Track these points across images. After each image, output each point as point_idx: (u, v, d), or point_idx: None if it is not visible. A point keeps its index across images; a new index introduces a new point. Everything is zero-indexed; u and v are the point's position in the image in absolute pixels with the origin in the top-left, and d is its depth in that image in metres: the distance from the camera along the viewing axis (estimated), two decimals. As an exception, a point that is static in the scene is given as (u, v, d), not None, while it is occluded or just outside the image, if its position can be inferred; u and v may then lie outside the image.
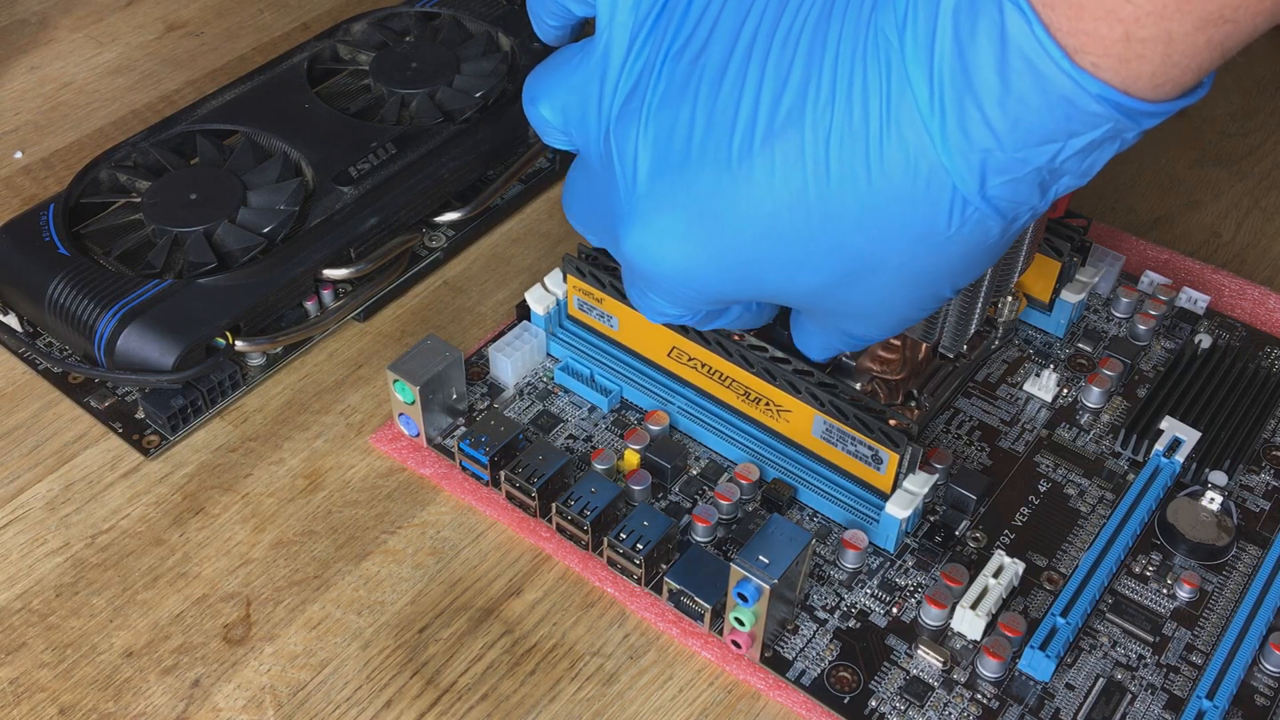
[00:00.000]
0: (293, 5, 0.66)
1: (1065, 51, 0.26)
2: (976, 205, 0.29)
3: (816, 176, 0.29)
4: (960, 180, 0.28)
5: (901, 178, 0.28)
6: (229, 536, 0.41)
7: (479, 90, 0.53)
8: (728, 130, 0.30)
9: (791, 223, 0.30)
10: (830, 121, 0.29)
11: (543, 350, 0.47)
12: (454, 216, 0.51)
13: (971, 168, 0.28)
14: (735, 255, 0.32)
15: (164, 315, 0.44)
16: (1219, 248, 0.54)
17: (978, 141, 0.27)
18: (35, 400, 0.46)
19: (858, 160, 0.29)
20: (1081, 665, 0.38)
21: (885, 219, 0.29)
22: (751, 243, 0.31)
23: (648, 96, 0.32)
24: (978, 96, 0.27)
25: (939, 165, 0.28)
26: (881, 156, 0.28)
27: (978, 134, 0.27)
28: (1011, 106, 0.27)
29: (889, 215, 0.29)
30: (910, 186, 0.28)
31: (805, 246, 0.31)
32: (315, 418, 0.45)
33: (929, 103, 0.27)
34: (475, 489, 0.42)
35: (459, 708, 0.37)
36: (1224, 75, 0.63)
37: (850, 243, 0.30)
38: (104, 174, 0.49)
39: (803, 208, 0.30)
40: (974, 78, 0.27)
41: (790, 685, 0.37)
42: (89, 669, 0.38)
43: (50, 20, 0.64)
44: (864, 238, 0.30)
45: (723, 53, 0.30)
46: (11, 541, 0.41)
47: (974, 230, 0.29)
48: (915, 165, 0.28)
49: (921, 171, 0.28)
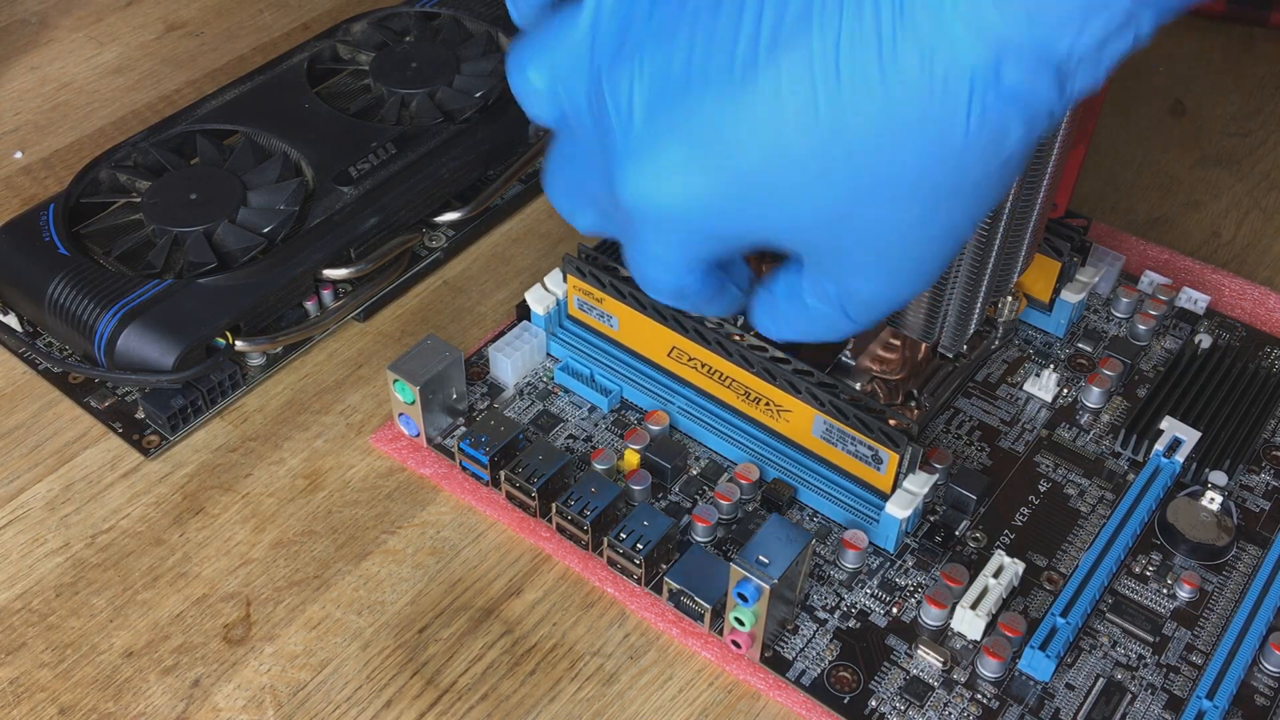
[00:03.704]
0: (293, 5, 0.66)
1: None
2: (994, 100, 0.28)
3: (826, 85, 0.28)
4: (977, 69, 0.27)
5: (916, 75, 0.27)
6: (229, 536, 0.41)
7: (479, 90, 0.53)
8: (728, 49, 0.29)
9: (801, 138, 0.29)
10: (840, 24, 0.27)
11: (543, 350, 0.47)
12: (454, 216, 0.51)
13: (988, 52, 0.27)
14: (742, 183, 0.30)
15: (164, 315, 0.44)
16: (1219, 248, 0.54)
17: (993, 22, 0.26)
18: (35, 400, 0.46)
19: (870, 62, 0.27)
20: (1081, 665, 0.38)
21: (900, 122, 0.28)
22: (759, 166, 0.30)
23: (642, 32, 0.31)
24: None
25: (954, 57, 0.27)
26: (895, 54, 0.27)
27: (993, 14, 0.26)
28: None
29: (903, 118, 0.28)
30: (926, 83, 0.27)
31: (816, 163, 0.29)
32: (315, 418, 0.45)
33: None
34: (475, 489, 0.42)
35: (459, 708, 0.37)
36: (1224, 75, 0.63)
37: (862, 153, 0.29)
38: (104, 174, 0.49)
39: (812, 119, 0.28)
40: None
41: (790, 685, 0.37)
42: (89, 669, 0.38)
43: (50, 20, 0.64)
44: (877, 145, 0.29)
45: None
46: (11, 541, 0.41)
47: (993, 134, 0.28)
48: (930, 59, 0.27)
49: (938, 66, 0.27)
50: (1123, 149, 0.58)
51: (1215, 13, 0.65)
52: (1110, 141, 0.59)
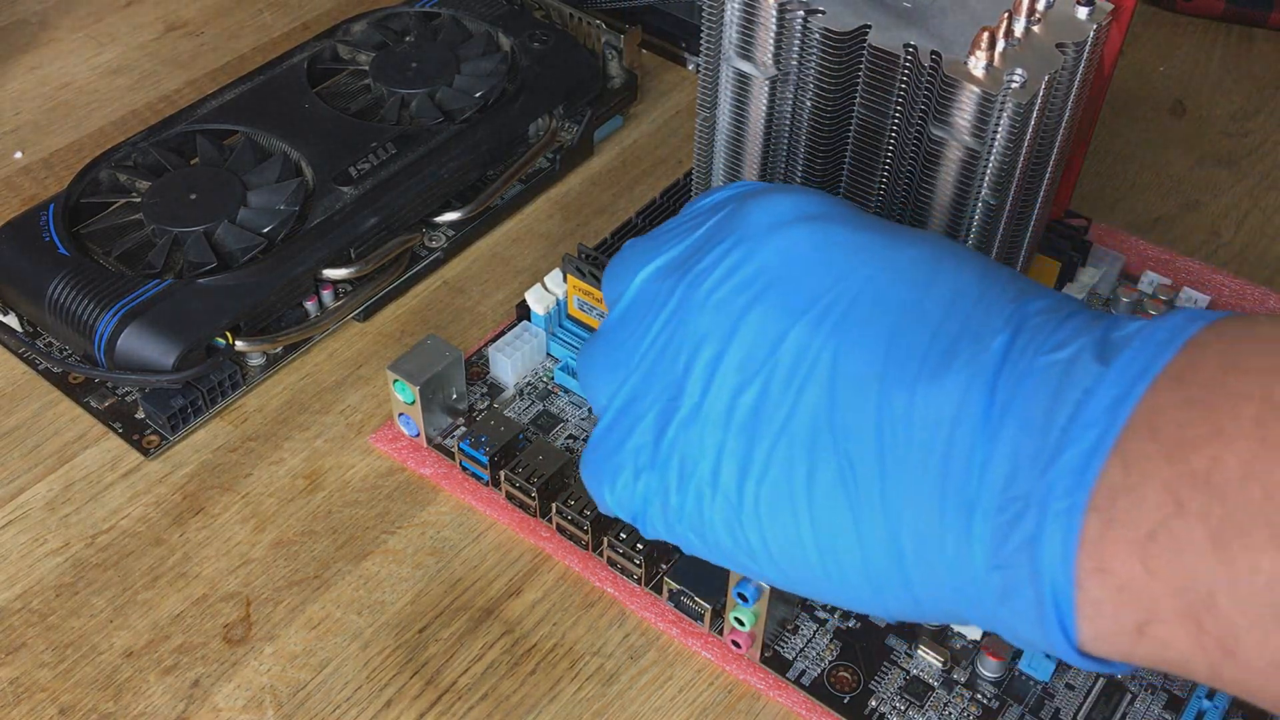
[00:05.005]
0: (293, 5, 0.66)
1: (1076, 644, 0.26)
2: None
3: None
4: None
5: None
6: (229, 536, 0.41)
7: (479, 90, 0.53)
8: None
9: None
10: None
11: (543, 350, 0.47)
12: (454, 216, 0.51)
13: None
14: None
15: (164, 315, 0.44)
16: (1219, 248, 0.54)
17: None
18: (35, 400, 0.46)
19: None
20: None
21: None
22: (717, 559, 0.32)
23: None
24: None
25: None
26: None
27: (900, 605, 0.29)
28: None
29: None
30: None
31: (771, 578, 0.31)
32: (315, 418, 0.45)
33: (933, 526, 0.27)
34: (475, 489, 0.42)
35: (459, 708, 0.37)
36: (1224, 75, 0.63)
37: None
38: (104, 174, 0.49)
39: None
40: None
41: (790, 685, 0.37)
42: (89, 669, 0.38)
43: (50, 20, 0.64)
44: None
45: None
46: (11, 541, 0.41)
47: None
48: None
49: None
50: (1123, 149, 0.58)
51: (1215, 13, 0.65)
52: (1110, 141, 0.59)
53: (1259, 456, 0.23)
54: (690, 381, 0.30)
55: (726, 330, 0.30)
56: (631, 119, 0.59)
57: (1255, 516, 0.23)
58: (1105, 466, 0.24)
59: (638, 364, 0.32)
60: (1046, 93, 0.36)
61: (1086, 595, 0.25)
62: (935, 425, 0.27)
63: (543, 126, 0.54)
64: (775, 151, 0.41)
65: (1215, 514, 0.23)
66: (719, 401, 0.30)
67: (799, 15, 0.37)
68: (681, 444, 0.30)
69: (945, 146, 0.37)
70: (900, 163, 0.38)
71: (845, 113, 0.38)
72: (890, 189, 0.39)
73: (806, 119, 0.39)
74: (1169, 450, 0.24)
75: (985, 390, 0.27)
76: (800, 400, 0.28)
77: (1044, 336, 0.27)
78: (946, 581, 0.27)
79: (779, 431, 0.29)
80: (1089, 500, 0.24)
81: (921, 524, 0.27)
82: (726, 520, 0.30)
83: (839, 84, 0.37)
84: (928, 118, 0.36)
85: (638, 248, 0.34)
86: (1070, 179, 0.46)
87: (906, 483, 0.27)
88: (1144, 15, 0.66)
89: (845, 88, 0.38)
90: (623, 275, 0.34)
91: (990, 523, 0.26)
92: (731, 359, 0.30)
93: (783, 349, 0.29)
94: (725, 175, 0.42)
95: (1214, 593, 0.23)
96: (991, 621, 0.27)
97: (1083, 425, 0.25)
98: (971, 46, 0.35)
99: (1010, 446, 0.26)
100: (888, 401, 0.27)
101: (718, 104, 0.41)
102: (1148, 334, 0.26)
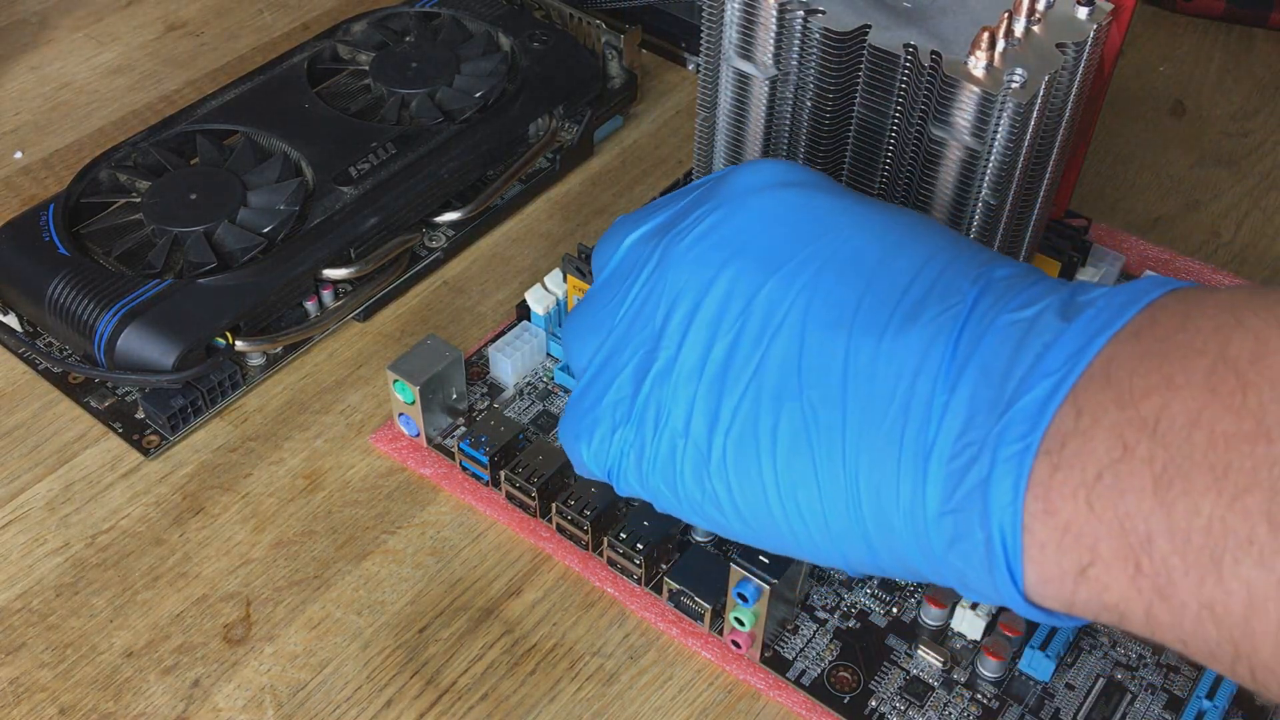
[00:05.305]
0: (293, 5, 0.66)
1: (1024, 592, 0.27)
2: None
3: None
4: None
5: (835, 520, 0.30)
6: (229, 536, 0.41)
7: (479, 90, 0.53)
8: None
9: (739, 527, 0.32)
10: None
11: (543, 350, 0.47)
12: (454, 216, 0.51)
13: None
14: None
15: (164, 315, 0.44)
16: (1219, 248, 0.54)
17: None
18: (35, 400, 0.46)
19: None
20: (1081, 665, 0.38)
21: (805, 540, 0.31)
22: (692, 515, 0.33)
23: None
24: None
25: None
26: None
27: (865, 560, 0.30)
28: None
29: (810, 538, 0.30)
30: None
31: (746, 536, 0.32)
32: (315, 418, 0.45)
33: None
34: (475, 489, 0.42)
35: (459, 708, 0.37)
36: (1224, 75, 0.63)
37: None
38: (104, 174, 0.49)
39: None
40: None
41: (790, 685, 0.37)
42: (89, 669, 0.38)
43: (50, 20, 0.64)
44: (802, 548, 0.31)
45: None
46: (11, 541, 0.41)
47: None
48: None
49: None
50: (1123, 149, 0.58)
51: (1215, 13, 0.65)
52: (1110, 141, 0.59)
53: (1207, 406, 0.23)
54: (666, 335, 0.31)
55: (703, 285, 0.31)
56: (631, 119, 0.59)
57: (1198, 461, 0.23)
58: (1058, 413, 0.25)
59: (618, 321, 0.32)
60: (1046, 93, 0.36)
61: (1033, 537, 0.25)
62: (898, 376, 0.28)
63: (543, 126, 0.54)
64: (775, 152, 0.41)
65: (1159, 458, 0.24)
66: (693, 354, 0.30)
67: (799, 15, 0.37)
68: (656, 397, 0.31)
69: (945, 146, 0.37)
70: (900, 162, 0.38)
71: (845, 113, 0.38)
72: (890, 189, 0.39)
73: (806, 119, 0.39)
74: (1120, 397, 0.24)
75: (949, 343, 0.27)
76: (770, 352, 0.29)
77: (1010, 297, 0.28)
78: (900, 529, 0.28)
79: (747, 384, 0.29)
80: (1040, 444, 0.25)
81: (878, 472, 0.28)
82: (696, 471, 0.31)
83: (839, 84, 0.37)
84: (928, 118, 0.36)
85: (626, 220, 0.35)
86: (1070, 179, 0.46)
87: (866, 431, 0.28)
88: (1144, 15, 0.66)
89: (845, 88, 0.38)
90: (610, 243, 0.35)
91: (944, 469, 0.26)
92: (706, 313, 0.30)
93: (755, 303, 0.30)
94: (725, 175, 0.42)
95: (1153, 535, 0.24)
96: (942, 570, 0.28)
97: (1040, 374, 0.26)
98: (971, 46, 0.35)
99: (968, 395, 0.26)
100: (854, 351, 0.28)
101: (718, 104, 0.41)
102: (1111, 296, 0.27)
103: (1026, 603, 0.27)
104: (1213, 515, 0.23)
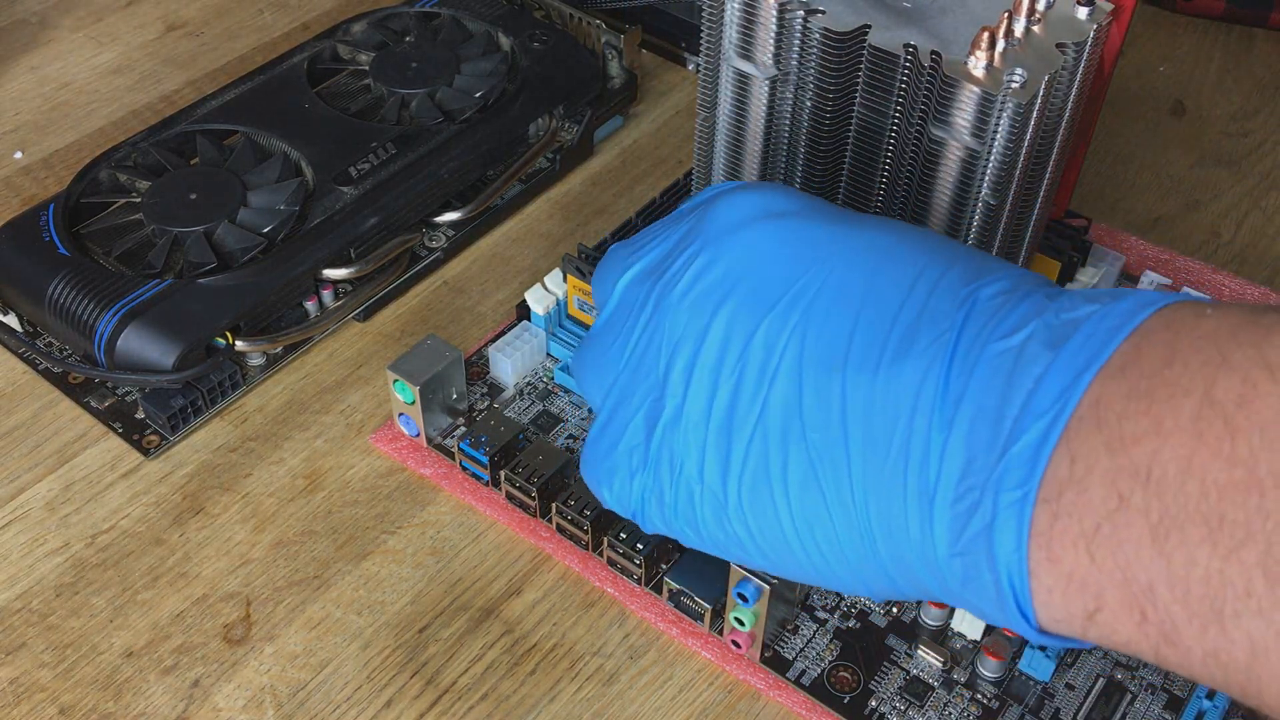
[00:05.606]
0: (293, 5, 0.66)
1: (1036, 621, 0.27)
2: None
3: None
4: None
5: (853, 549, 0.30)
6: (229, 536, 0.41)
7: (479, 90, 0.53)
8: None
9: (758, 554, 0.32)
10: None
11: (543, 350, 0.47)
12: (454, 216, 0.51)
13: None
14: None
15: (164, 315, 0.44)
16: (1219, 248, 0.54)
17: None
18: (35, 400, 0.46)
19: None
20: (1081, 665, 0.38)
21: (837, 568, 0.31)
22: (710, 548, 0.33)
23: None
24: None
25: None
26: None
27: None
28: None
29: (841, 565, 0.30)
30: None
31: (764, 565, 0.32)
32: (315, 418, 0.45)
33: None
34: (475, 489, 0.42)
35: (459, 708, 0.37)
36: (1224, 76, 0.63)
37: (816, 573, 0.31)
38: (104, 174, 0.49)
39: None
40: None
41: (790, 685, 0.37)
42: (89, 669, 0.38)
43: (50, 20, 0.64)
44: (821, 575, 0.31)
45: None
46: (11, 541, 0.41)
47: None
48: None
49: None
50: (1123, 149, 0.58)
51: (1215, 13, 0.65)
52: (1110, 141, 0.59)
53: (1196, 453, 0.23)
54: (670, 384, 0.31)
55: (699, 331, 0.31)
56: (631, 119, 0.59)
57: (1191, 513, 0.23)
58: (1053, 458, 0.25)
59: (623, 367, 0.33)
60: (1046, 93, 0.36)
61: (1040, 582, 0.26)
62: (895, 414, 0.28)
63: (543, 126, 0.54)
64: (775, 151, 0.41)
65: (1154, 509, 0.24)
66: (698, 403, 0.31)
67: (799, 15, 0.37)
68: (669, 445, 0.31)
69: (945, 146, 0.37)
70: (900, 163, 0.38)
71: (845, 113, 0.38)
72: (890, 189, 0.39)
73: (806, 119, 0.39)
74: (1110, 441, 0.25)
75: (941, 377, 0.27)
76: (771, 395, 0.29)
77: (997, 321, 0.28)
78: (915, 565, 0.28)
79: (753, 429, 0.30)
80: (1038, 492, 0.25)
81: (888, 511, 0.28)
82: (715, 515, 0.31)
83: (839, 84, 0.37)
84: (928, 118, 0.36)
85: (619, 253, 0.35)
86: (1070, 179, 0.46)
87: (871, 471, 0.28)
88: (1144, 15, 0.66)
89: (845, 88, 0.38)
90: (607, 279, 0.35)
91: (949, 511, 0.27)
92: (706, 360, 0.31)
93: (752, 347, 0.30)
94: (725, 175, 0.42)
95: (1154, 585, 0.24)
96: (960, 601, 0.28)
97: (1033, 415, 0.26)
98: (971, 46, 0.35)
99: (966, 435, 0.27)
100: (850, 390, 0.28)
101: (718, 104, 0.41)
102: (1097, 320, 0.27)
103: (1042, 634, 0.27)
104: (1210, 567, 0.23)
